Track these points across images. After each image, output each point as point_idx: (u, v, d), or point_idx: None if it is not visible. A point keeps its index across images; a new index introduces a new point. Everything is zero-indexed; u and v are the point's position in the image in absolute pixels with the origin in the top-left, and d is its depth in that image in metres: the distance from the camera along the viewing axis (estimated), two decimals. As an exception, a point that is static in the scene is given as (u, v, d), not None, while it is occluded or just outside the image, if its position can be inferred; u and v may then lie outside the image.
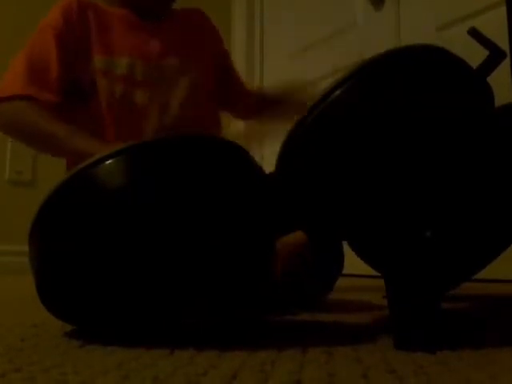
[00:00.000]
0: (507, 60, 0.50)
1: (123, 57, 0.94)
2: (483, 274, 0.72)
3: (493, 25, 0.98)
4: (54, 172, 0.91)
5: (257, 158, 0.53)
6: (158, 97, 0.95)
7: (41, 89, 0.89)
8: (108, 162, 0.44)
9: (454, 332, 0.54)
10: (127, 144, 0.45)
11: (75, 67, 0.92)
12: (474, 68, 0.48)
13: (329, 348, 0.45)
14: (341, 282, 0.86)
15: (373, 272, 0.63)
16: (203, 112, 1.04)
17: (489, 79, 0.49)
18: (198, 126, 0.99)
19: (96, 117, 0.92)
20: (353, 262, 0.76)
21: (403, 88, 0.46)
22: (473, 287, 0.94)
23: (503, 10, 1.02)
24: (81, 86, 0.93)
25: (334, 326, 0.63)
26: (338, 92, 0.45)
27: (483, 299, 0.95)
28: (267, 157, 1.76)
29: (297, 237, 0.73)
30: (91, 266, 0.45)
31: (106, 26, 0.96)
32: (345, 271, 0.85)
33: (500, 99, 0.53)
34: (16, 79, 0.89)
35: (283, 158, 0.51)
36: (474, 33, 0.49)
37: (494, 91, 0.50)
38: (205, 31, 1.10)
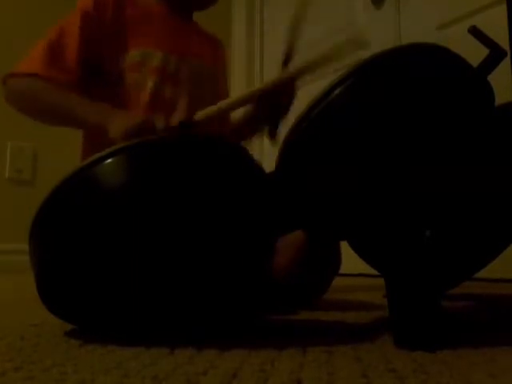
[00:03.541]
0: (507, 58, 0.50)
1: (159, 49, 0.95)
2: (483, 273, 0.72)
3: (493, 23, 0.98)
4: (54, 171, 0.91)
5: (257, 158, 0.53)
6: (186, 92, 0.96)
7: (59, 71, 0.88)
8: (108, 161, 0.44)
9: (454, 331, 0.54)
10: (126, 143, 0.45)
11: (102, 55, 0.92)
12: (475, 66, 0.48)
13: (329, 347, 0.45)
14: (341, 282, 0.86)
15: (373, 271, 0.63)
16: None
17: (489, 78, 0.49)
18: (219, 123, 1.01)
19: (122, 106, 0.91)
20: (353, 262, 0.76)
21: (403, 87, 0.46)
22: (472, 286, 0.94)
23: (503, 8, 1.02)
24: (106, 75, 0.93)
25: (334, 325, 0.63)
26: (337, 91, 0.45)
27: (483, 298, 0.95)
28: (267, 156, 1.76)
29: (296, 236, 0.73)
30: (91, 265, 0.45)
31: (143, 18, 0.97)
32: (345, 271, 0.85)
33: (500, 98, 0.53)
34: (35, 59, 0.89)
35: (283, 157, 0.51)
36: (475, 31, 0.49)
37: (494, 90, 0.50)
38: (221, 53, 1.14)
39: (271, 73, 2.29)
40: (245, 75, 2.34)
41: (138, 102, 0.92)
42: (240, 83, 2.33)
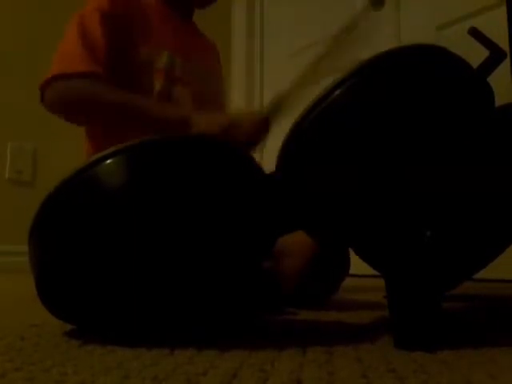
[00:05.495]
0: (507, 60, 0.50)
1: (164, 50, 0.95)
2: (483, 273, 0.72)
3: (493, 25, 0.97)
4: (54, 172, 0.91)
5: (257, 159, 0.53)
6: (194, 93, 0.96)
7: (98, 67, 0.87)
8: (107, 162, 0.44)
9: (454, 331, 0.54)
10: (126, 144, 0.45)
11: (116, 53, 0.91)
12: (475, 68, 0.48)
13: (329, 347, 0.45)
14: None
15: (373, 272, 0.63)
16: (222, 110, 1.07)
17: (489, 79, 0.49)
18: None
19: None
20: (353, 262, 0.76)
21: (403, 88, 0.46)
22: (472, 287, 0.94)
23: (503, 9, 1.02)
24: (119, 74, 0.92)
25: (334, 325, 0.63)
26: (337, 92, 0.45)
27: (483, 298, 0.95)
28: (267, 157, 1.76)
29: (307, 238, 0.74)
30: (91, 266, 0.45)
31: (147, 17, 0.97)
32: (345, 271, 0.85)
33: (500, 99, 0.53)
34: (76, 57, 0.87)
35: (283, 158, 0.51)
36: (475, 32, 0.49)
37: (494, 91, 0.50)
38: (216, 55, 1.15)
39: (271, 73, 2.29)
40: (245, 75, 2.34)
41: None
42: (240, 83, 2.33)
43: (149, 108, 0.85)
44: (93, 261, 0.45)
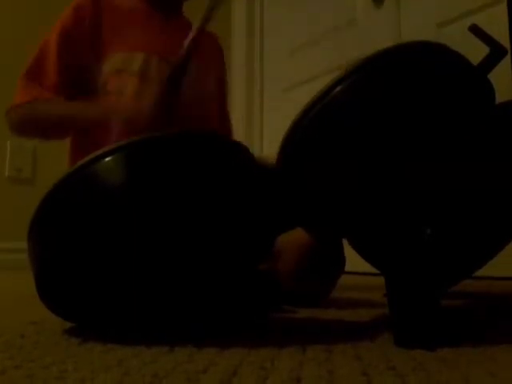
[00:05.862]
0: (508, 57, 0.50)
1: (140, 51, 0.95)
2: (482, 271, 0.72)
3: (493, 21, 0.97)
4: (53, 169, 0.91)
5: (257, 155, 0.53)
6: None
7: (41, 88, 0.93)
8: (107, 160, 0.44)
9: (454, 329, 0.54)
10: (126, 141, 0.45)
11: (82, 66, 0.93)
12: (475, 65, 0.48)
13: (329, 345, 0.45)
14: (341, 280, 0.86)
15: (373, 270, 0.63)
16: (208, 112, 1.05)
17: (489, 76, 0.49)
18: (204, 126, 1.00)
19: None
20: (353, 260, 0.76)
21: (403, 85, 0.46)
22: (472, 284, 0.94)
23: (504, 6, 1.02)
24: (88, 85, 0.94)
25: (334, 323, 0.63)
26: (337, 89, 0.45)
27: (482, 296, 0.95)
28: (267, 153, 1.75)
29: (303, 237, 0.73)
30: (90, 263, 0.45)
31: (121, 21, 0.97)
32: (345, 269, 0.85)
33: (501, 96, 0.53)
34: (19, 87, 0.95)
35: (284, 154, 0.51)
36: (475, 29, 0.49)
37: (494, 88, 0.50)
38: (214, 50, 1.13)
39: (271, 73, 2.29)
40: (245, 75, 2.34)
41: None
42: (240, 83, 2.33)
43: (78, 115, 0.91)
44: (92, 257, 0.45)
